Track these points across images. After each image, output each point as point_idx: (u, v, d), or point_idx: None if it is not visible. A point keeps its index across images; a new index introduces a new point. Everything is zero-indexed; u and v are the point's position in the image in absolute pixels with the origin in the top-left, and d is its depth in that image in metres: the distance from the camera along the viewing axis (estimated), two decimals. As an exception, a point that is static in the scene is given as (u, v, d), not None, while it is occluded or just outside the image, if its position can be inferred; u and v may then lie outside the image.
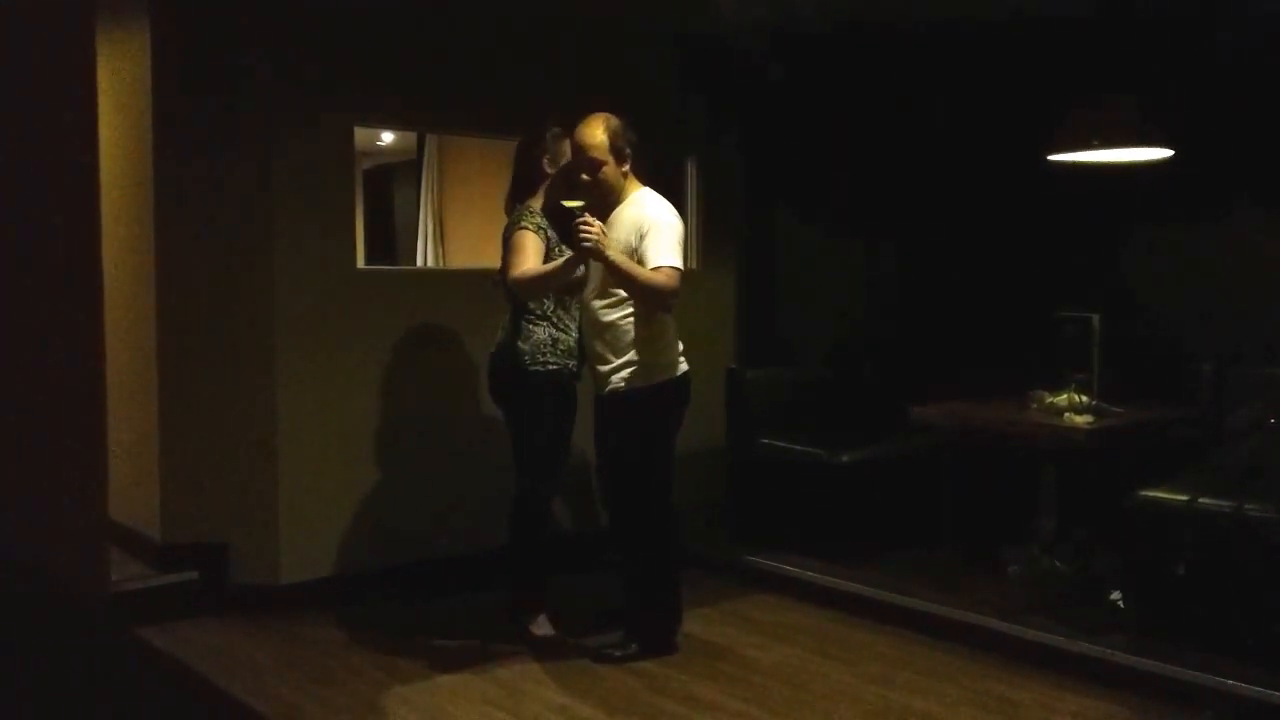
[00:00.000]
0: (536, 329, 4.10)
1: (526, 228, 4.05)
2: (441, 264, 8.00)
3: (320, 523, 4.68)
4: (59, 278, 2.99)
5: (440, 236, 8.22)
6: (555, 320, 4.12)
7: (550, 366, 4.09)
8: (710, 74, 5.79)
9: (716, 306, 5.95)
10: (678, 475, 4.18)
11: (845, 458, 5.04)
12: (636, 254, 3.85)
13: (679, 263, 3.83)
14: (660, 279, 3.81)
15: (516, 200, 4.22)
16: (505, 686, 3.84)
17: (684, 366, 4.08)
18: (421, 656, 4.11)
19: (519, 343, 4.10)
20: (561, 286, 4.05)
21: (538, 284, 4.01)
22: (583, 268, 4.00)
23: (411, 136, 8.07)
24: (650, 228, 3.84)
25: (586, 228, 3.72)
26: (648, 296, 3.86)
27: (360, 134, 5.31)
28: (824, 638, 4.35)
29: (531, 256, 3.99)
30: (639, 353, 3.96)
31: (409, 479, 4.88)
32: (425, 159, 8.22)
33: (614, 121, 3.96)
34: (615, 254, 3.80)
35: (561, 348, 4.10)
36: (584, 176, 3.94)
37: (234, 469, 4.61)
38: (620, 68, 5.36)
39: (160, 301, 4.61)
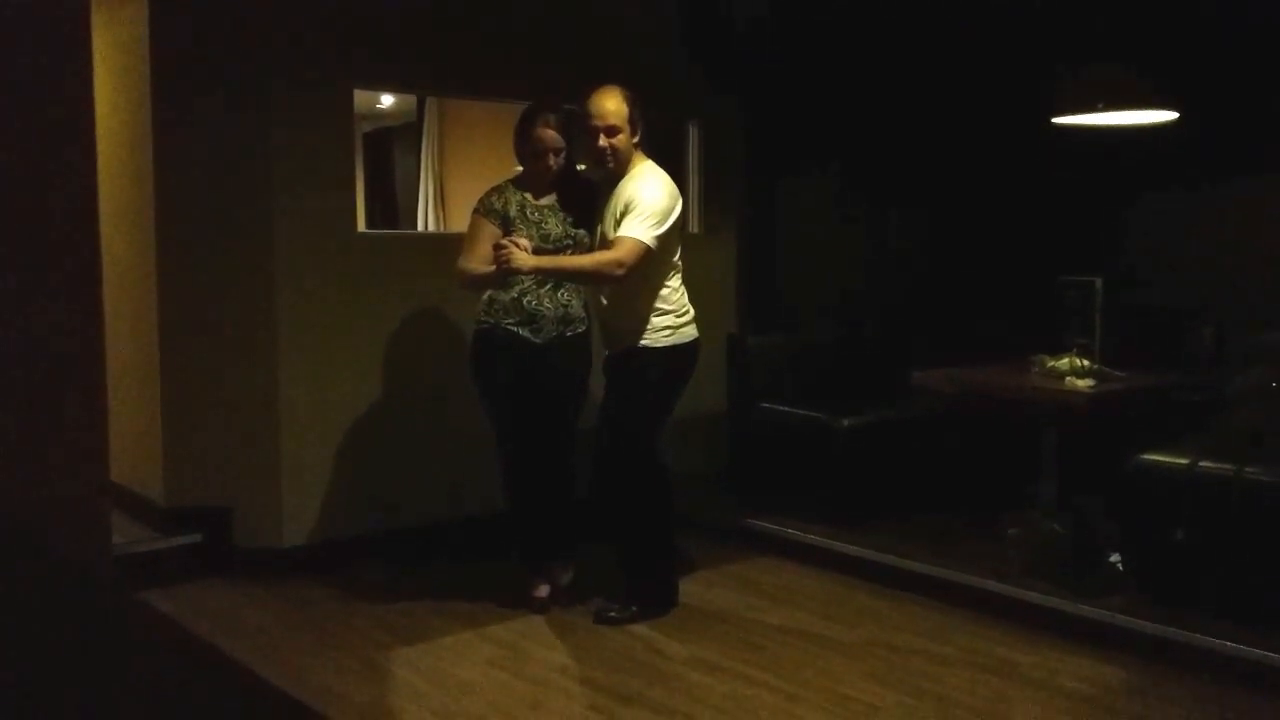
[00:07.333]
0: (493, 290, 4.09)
1: (478, 211, 4.08)
2: (442, 228, 7.97)
3: (323, 486, 4.69)
4: (57, 237, 2.99)
5: (441, 200, 8.19)
6: (519, 280, 3.99)
7: (482, 325, 4.10)
8: (711, 36, 5.74)
9: (718, 272, 5.94)
10: (680, 440, 4.18)
11: (846, 422, 5.04)
12: (619, 226, 3.87)
13: (646, 239, 3.81)
14: (608, 255, 3.83)
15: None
16: (507, 647, 3.87)
17: (694, 333, 4.08)
18: (424, 618, 4.14)
19: None
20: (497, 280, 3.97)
21: (469, 284, 4.06)
22: (582, 235, 4.05)
23: (412, 99, 8.03)
24: (636, 203, 3.86)
25: (503, 253, 3.74)
26: (588, 280, 4.00)
27: (360, 97, 5.28)
28: (825, 600, 4.37)
29: (479, 244, 3.96)
30: (649, 316, 3.98)
31: (411, 443, 4.89)
32: (425, 122, 8.18)
33: (628, 93, 3.97)
34: (537, 261, 3.81)
35: (497, 306, 4.06)
36: (601, 143, 3.93)
37: (237, 432, 4.63)
38: (621, 31, 5.31)
39: (161, 265, 4.60)
